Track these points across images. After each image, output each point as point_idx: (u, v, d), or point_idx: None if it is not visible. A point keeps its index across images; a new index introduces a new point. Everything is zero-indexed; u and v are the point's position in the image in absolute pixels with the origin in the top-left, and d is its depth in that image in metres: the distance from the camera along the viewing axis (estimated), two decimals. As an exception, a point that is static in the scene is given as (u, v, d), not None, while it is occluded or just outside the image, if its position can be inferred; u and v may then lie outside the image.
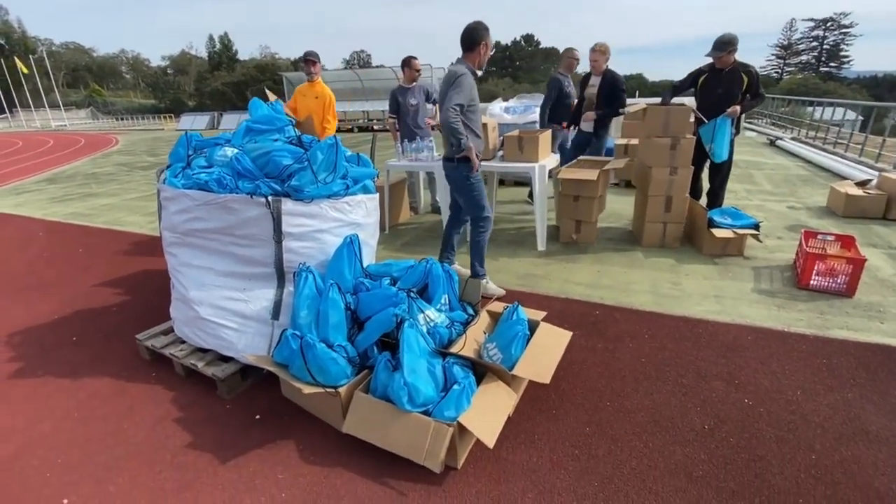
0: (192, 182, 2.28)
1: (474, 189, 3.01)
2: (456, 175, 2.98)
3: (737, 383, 2.17)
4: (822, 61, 51.96)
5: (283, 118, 2.52)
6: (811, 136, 10.43)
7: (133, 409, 2.17)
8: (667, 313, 2.84)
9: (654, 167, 3.68)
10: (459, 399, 1.70)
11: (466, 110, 2.82)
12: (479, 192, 3.03)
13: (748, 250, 3.70)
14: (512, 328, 2.07)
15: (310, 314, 2.01)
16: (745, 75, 3.77)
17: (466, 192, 3.03)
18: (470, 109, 2.85)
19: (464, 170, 2.93)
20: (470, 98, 2.81)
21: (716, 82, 3.88)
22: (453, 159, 2.92)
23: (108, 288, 3.61)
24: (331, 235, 2.32)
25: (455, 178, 3.01)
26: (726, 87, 3.84)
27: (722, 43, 3.75)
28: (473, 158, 2.86)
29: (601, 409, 2.03)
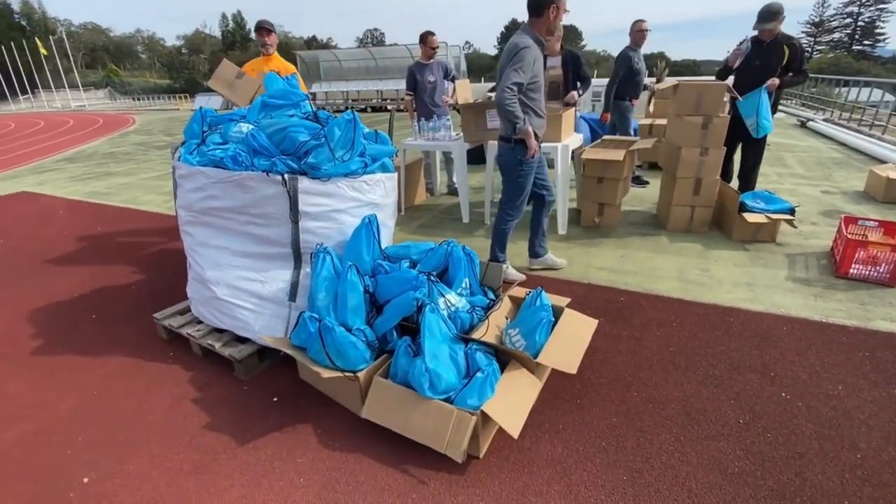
0: (208, 159, 2.22)
1: (523, 176, 2.76)
2: (509, 157, 2.73)
3: (772, 376, 2.07)
4: (855, 39, 49.49)
5: (300, 93, 2.42)
6: (845, 118, 9.94)
7: (151, 388, 2.16)
8: (695, 301, 2.72)
9: (683, 147, 3.51)
10: (483, 387, 1.63)
11: (527, 88, 2.54)
12: (527, 181, 2.79)
13: (781, 236, 3.53)
14: (536, 314, 1.98)
15: (328, 296, 1.95)
16: (788, 48, 3.53)
17: (513, 177, 2.79)
18: (531, 87, 2.57)
19: (519, 153, 2.66)
20: (532, 75, 2.50)
21: (755, 54, 3.63)
22: (510, 139, 2.67)
23: (126, 266, 3.62)
24: (348, 216, 2.25)
25: (507, 161, 2.77)
26: (765, 59, 3.60)
27: (768, 13, 3.48)
28: (531, 142, 2.59)
29: (629, 399, 1.95)
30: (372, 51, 22.09)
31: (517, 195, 2.86)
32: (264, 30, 3.55)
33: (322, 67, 22.07)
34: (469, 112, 3.94)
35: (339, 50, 24.62)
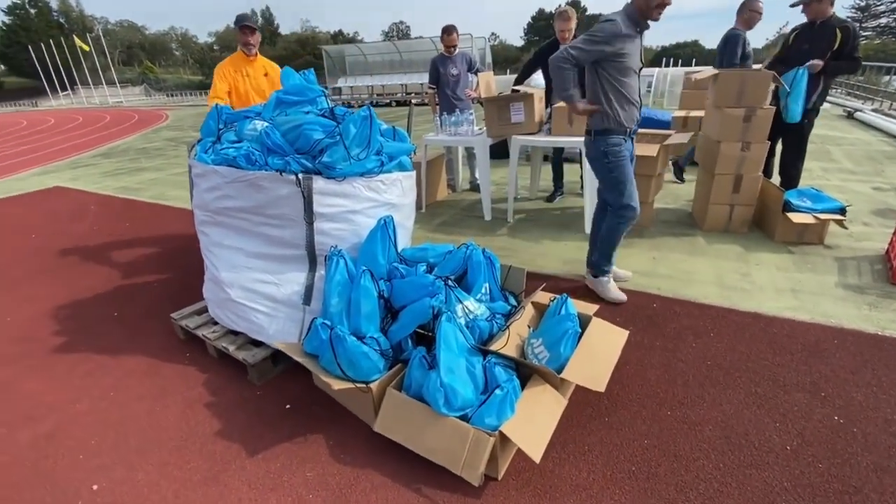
0: (221, 157, 2.16)
1: (613, 169, 2.48)
2: (592, 150, 2.53)
3: (823, 396, 1.88)
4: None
5: (316, 88, 2.34)
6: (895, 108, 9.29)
7: (166, 390, 2.14)
8: (735, 308, 2.52)
9: (723, 142, 3.27)
10: (502, 405, 1.52)
11: (611, 68, 2.32)
12: (621, 172, 2.48)
13: (829, 238, 3.26)
14: (561, 324, 1.85)
15: (341, 302, 1.87)
16: (840, 31, 3.24)
17: (604, 172, 2.54)
18: (614, 66, 2.31)
19: (601, 144, 2.45)
20: (613, 51, 2.25)
21: (805, 37, 3.36)
22: (590, 132, 2.50)
23: (150, 264, 3.65)
24: (364, 216, 2.16)
25: (591, 155, 2.56)
26: (814, 42, 3.32)
27: None
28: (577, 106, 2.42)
29: (662, 418, 1.80)
30: (397, 44, 22.00)
31: (616, 189, 2.52)
32: (247, 28, 3.13)
33: (347, 62, 22.13)
34: (492, 105, 3.80)
35: (364, 44, 24.61)
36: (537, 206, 4.49)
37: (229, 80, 3.21)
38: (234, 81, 3.21)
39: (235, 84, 3.21)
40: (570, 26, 3.79)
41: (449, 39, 4.37)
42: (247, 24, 3.12)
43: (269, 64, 3.40)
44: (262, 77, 3.32)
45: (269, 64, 3.39)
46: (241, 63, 3.19)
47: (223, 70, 3.17)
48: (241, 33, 3.12)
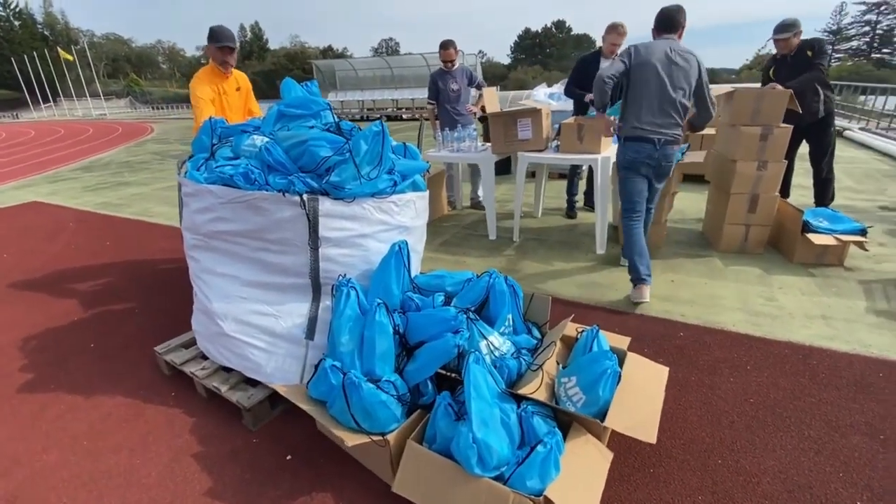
0: (216, 176, 1.95)
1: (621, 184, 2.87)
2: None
3: (882, 439, 1.71)
4: (874, 47, 48.33)
5: (321, 101, 2.15)
6: (883, 127, 9.45)
7: (148, 438, 1.89)
8: (767, 337, 2.37)
9: (738, 160, 3.17)
10: (545, 464, 1.31)
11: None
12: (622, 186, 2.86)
13: (849, 260, 3.15)
14: (598, 363, 1.65)
15: (352, 340, 1.66)
16: (809, 50, 3.38)
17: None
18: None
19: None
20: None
21: (786, 70, 3.52)
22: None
23: (133, 287, 3.38)
24: (375, 241, 1.96)
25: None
26: (795, 71, 3.44)
27: (782, 26, 3.45)
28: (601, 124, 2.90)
29: (712, 468, 1.61)
30: (388, 60, 22.06)
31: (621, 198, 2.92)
32: (227, 49, 2.91)
33: (338, 76, 22.09)
34: (498, 121, 3.66)
35: (354, 59, 24.63)
36: (543, 224, 4.34)
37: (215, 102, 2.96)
38: (218, 103, 2.98)
39: (222, 106, 2.99)
40: (621, 41, 3.68)
41: (446, 54, 4.26)
42: (228, 45, 2.89)
43: (240, 75, 3.17)
44: (234, 92, 3.10)
45: (239, 76, 3.16)
46: (217, 79, 2.96)
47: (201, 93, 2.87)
48: (219, 51, 2.88)
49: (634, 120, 2.65)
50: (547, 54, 57.33)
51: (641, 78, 2.58)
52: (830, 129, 3.68)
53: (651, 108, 2.60)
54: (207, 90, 2.89)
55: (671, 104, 2.58)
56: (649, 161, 2.68)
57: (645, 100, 2.60)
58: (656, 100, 2.58)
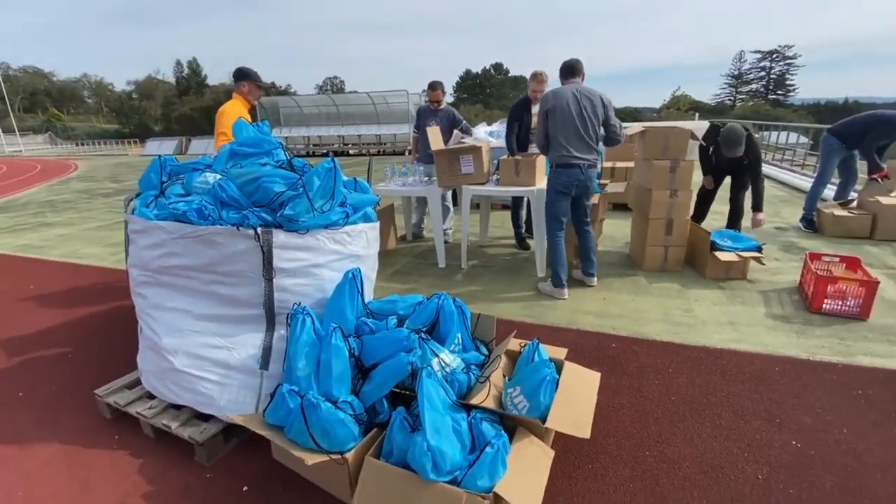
0: (168, 212, 1.99)
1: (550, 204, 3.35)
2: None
3: (778, 422, 2.00)
4: (770, 89, 55.52)
5: (273, 140, 2.27)
6: (777, 159, 10.86)
7: (92, 483, 1.81)
8: (686, 343, 2.68)
9: (654, 189, 3.60)
10: (493, 464, 1.45)
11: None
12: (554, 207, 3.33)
13: (751, 273, 3.62)
14: (538, 371, 1.83)
15: (309, 364, 1.73)
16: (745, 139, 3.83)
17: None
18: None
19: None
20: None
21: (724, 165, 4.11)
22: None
23: (64, 331, 3.19)
24: (328, 270, 2.07)
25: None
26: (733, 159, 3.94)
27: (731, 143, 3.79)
28: None
29: (642, 459, 1.81)
30: (334, 97, 22.35)
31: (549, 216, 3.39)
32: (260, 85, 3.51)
33: (282, 113, 22.02)
34: (443, 158, 3.92)
35: (299, 96, 24.71)
36: (489, 251, 4.59)
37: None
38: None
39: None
40: (543, 88, 4.07)
41: (433, 94, 4.53)
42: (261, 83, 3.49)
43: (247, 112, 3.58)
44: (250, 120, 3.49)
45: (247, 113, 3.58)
46: (243, 110, 3.41)
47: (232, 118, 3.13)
48: (257, 88, 3.45)
49: (563, 150, 3.13)
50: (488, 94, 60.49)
51: (559, 117, 3.12)
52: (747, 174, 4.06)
53: (570, 140, 3.12)
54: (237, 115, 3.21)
55: (586, 134, 3.15)
56: (577, 183, 3.20)
57: (564, 133, 3.12)
58: (573, 133, 3.12)
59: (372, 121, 20.38)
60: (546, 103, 3.19)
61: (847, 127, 4.73)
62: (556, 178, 3.23)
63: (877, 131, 4.43)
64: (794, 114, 42.94)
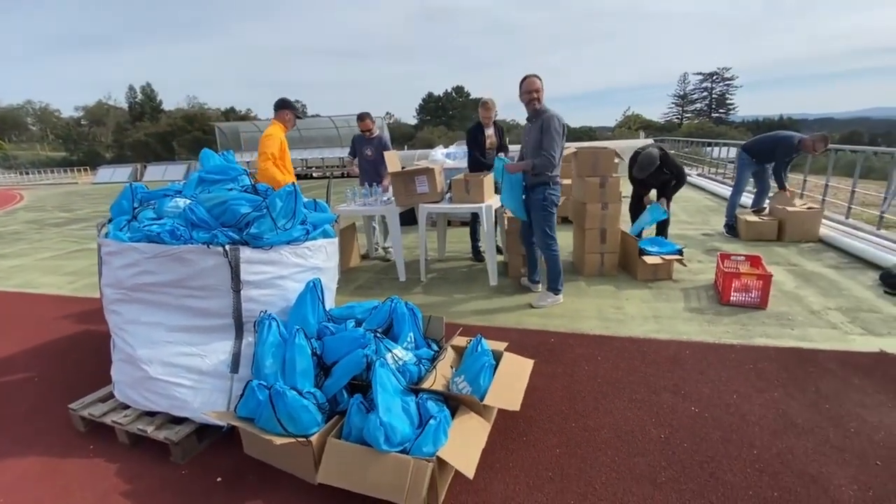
0: (142, 234, 2.20)
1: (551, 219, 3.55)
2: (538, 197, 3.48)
3: (683, 393, 2.38)
4: (712, 108, 59.71)
5: (238, 167, 2.52)
6: (713, 172, 11.86)
7: (71, 487, 1.95)
8: (614, 335, 3.05)
9: (588, 203, 4.04)
10: (437, 433, 1.72)
11: None
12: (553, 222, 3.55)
13: (675, 274, 4.09)
14: (478, 360, 2.14)
15: (275, 363, 1.97)
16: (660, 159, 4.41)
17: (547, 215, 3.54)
18: None
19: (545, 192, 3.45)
20: None
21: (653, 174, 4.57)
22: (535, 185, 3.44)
23: (27, 357, 3.24)
24: (292, 281, 2.31)
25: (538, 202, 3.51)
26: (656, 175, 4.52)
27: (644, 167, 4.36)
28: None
29: (567, 430, 2.13)
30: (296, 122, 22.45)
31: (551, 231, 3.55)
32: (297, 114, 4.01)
33: (242, 138, 21.94)
34: (399, 179, 4.24)
35: (259, 121, 24.66)
36: (446, 265, 4.91)
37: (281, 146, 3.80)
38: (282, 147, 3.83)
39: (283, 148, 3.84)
40: (491, 115, 4.53)
41: (363, 125, 4.87)
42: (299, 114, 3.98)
43: None
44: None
45: None
46: (282, 134, 3.86)
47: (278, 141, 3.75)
48: (294, 116, 3.91)
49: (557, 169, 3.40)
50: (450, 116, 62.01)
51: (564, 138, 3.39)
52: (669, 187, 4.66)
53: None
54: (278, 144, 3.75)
55: None
56: None
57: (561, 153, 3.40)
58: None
59: (335, 144, 20.60)
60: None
61: (756, 144, 5.42)
62: (555, 193, 3.43)
63: (780, 149, 5.11)
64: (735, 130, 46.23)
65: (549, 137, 3.26)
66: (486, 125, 4.57)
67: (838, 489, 1.72)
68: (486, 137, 4.57)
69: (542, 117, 3.31)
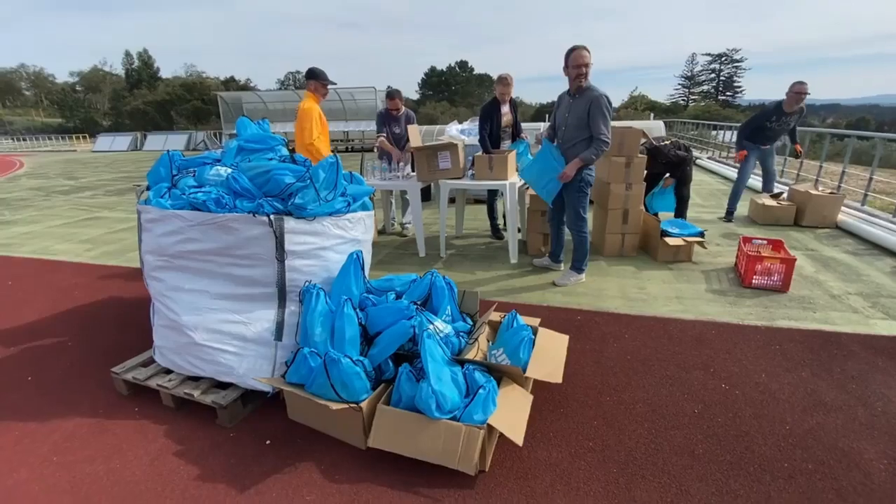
0: (184, 202, 2.20)
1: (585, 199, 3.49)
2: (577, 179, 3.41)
3: (712, 371, 2.44)
4: (719, 90, 58.77)
5: (277, 137, 2.50)
6: (724, 156, 11.78)
7: (122, 447, 2.01)
8: (639, 315, 3.10)
9: (612, 183, 4.03)
10: (486, 402, 1.77)
11: None
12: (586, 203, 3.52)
13: (695, 256, 4.12)
14: (517, 334, 2.18)
15: (324, 331, 2.00)
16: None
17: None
18: None
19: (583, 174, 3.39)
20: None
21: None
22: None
23: (56, 323, 3.28)
24: (333, 252, 2.33)
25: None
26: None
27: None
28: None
29: (603, 403, 2.19)
30: (299, 93, 22.06)
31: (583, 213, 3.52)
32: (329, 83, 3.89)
33: (245, 108, 21.57)
34: (422, 154, 4.20)
35: (263, 92, 24.23)
36: (465, 242, 4.93)
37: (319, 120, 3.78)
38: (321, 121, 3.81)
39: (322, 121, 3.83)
40: (509, 91, 4.41)
41: (392, 104, 4.77)
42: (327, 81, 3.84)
43: None
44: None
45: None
46: (316, 105, 3.83)
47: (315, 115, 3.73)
48: (321, 85, 3.82)
49: None
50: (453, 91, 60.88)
51: None
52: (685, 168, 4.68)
53: None
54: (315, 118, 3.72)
55: None
56: None
57: None
58: None
59: (339, 117, 20.31)
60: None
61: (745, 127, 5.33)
62: (591, 174, 3.35)
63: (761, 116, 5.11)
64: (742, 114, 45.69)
65: (602, 119, 3.13)
66: (503, 102, 4.50)
67: (869, 463, 1.79)
68: (501, 115, 4.51)
69: (588, 95, 3.18)
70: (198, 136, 24.20)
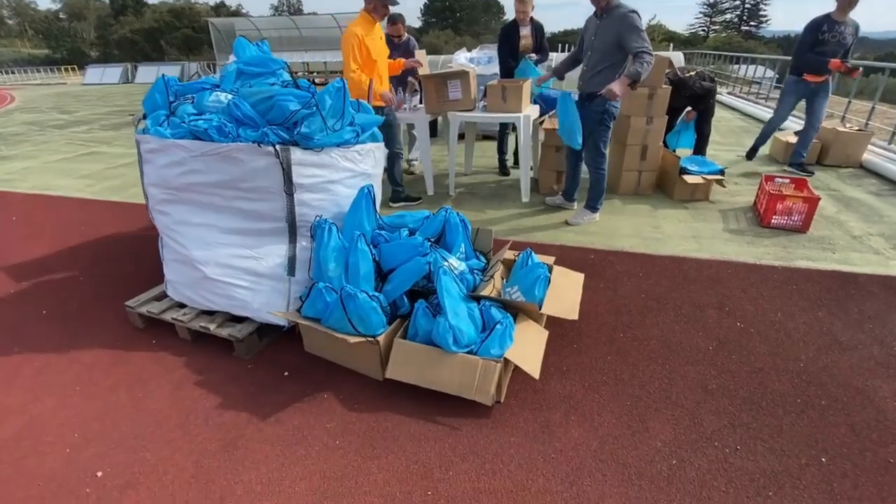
0: (184, 130, 2.08)
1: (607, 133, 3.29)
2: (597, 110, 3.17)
3: (727, 310, 2.42)
4: (743, 20, 54.75)
5: (278, 60, 2.32)
6: (745, 91, 11.17)
7: (143, 377, 2.05)
8: (654, 254, 3.04)
9: (632, 117, 3.81)
10: (503, 337, 1.76)
11: None
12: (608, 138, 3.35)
13: (713, 195, 3.99)
14: (533, 272, 2.13)
15: (339, 267, 1.96)
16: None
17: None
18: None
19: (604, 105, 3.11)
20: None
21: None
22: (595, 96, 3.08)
23: (66, 258, 3.27)
24: (343, 186, 2.23)
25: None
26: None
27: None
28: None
29: (617, 339, 2.20)
30: (295, 19, 20.68)
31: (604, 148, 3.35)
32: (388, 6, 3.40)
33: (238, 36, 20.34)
34: (430, 83, 3.95)
35: (257, 18, 22.72)
36: (474, 179, 4.78)
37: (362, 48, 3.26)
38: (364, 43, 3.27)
39: (366, 44, 3.27)
40: (528, 9, 4.05)
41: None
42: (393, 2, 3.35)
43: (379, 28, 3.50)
44: (379, 40, 3.47)
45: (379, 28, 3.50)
46: (369, 26, 3.34)
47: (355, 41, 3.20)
48: (381, 5, 3.31)
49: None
50: (458, 18, 56.96)
51: None
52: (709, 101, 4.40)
53: None
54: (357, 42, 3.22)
55: None
56: None
57: None
58: None
59: (337, 46, 19.06)
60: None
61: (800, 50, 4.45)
62: (616, 105, 3.11)
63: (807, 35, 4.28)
64: (765, 46, 42.90)
65: (636, 35, 2.81)
66: (522, 23, 4.16)
67: (883, 400, 1.81)
68: (520, 38, 4.18)
69: (615, 14, 2.90)
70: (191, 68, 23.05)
